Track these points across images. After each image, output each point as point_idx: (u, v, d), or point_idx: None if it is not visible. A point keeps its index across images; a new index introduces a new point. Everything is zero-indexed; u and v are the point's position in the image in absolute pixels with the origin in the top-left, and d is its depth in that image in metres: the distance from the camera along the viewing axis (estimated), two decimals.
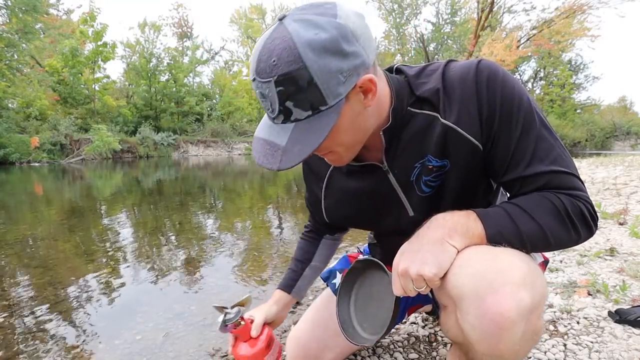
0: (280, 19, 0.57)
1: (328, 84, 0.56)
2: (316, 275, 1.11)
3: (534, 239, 0.65)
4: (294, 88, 0.56)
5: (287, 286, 1.06)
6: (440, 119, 0.68)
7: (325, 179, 0.87)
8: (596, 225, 0.68)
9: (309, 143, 0.59)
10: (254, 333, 0.93)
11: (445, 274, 0.64)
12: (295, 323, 1.22)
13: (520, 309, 0.57)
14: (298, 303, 1.78)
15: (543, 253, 0.89)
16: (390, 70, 0.76)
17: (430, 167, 0.71)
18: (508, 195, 0.78)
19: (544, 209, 0.64)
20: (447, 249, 0.64)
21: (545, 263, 0.93)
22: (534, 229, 0.64)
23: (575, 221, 0.64)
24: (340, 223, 0.95)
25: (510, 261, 0.61)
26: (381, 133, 0.70)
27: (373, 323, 0.84)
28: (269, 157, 0.61)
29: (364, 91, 0.61)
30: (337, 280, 1.13)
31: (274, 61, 0.55)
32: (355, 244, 2.65)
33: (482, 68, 0.66)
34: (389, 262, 1.07)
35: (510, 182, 0.69)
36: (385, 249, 1.03)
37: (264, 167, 0.61)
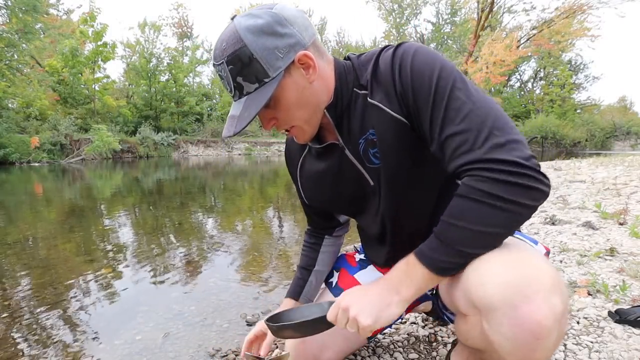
0: (232, 18, 0.71)
1: (267, 59, 0.68)
2: (322, 278, 1.13)
3: (479, 247, 0.63)
4: (240, 64, 0.68)
5: (295, 293, 1.09)
6: (368, 98, 0.76)
7: (299, 165, 0.97)
8: (541, 181, 0.60)
9: (255, 106, 0.69)
10: (263, 352, 0.97)
11: (469, 283, 0.64)
12: None
13: (555, 315, 0.57)
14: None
15: (543, 244, 0.91)
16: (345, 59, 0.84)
17: (373, 140, 0.78)
18: None
19: (469, 212, 0.61)
20: (390, 306, 0.68)
21: (547, 254, 0.94)
22: (471, 239, 0.62)
23: (508, 198, 0.59)
24: (320, 205, 1.01)
25: (535, 266, 0.61)
26: (325, 110, 0.78)
27: (294, 316, 0.85)
28: (229, 127, 0.72)
29: (304, 66, 0.71)
30: (335, 279, 1.13)
31: (223, 46, 0.69)
32: (353, 243, 2.65)
33: (399, 49, 0.73)
34: (368, 249, 1.10)
35: (437, 152, 0.68)
36: (364, 231, 1.05)
37: (225, 137, 0.73)
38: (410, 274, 0.67)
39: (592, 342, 1.21)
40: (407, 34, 31.09)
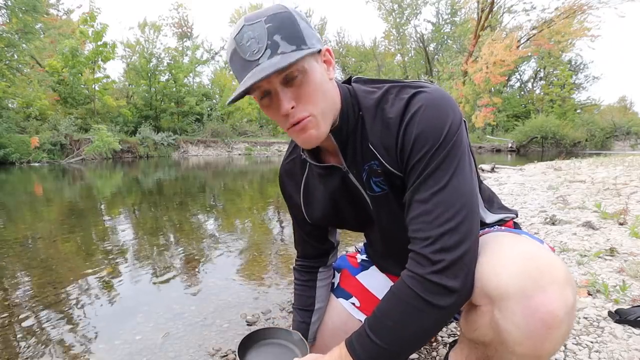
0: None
1: (306, 33, 0.67)
2: (323, 313, 1.09)
3: (402, 347, 0.67)
4: (281, 24, 0.65)
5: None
6: (368, 143, 0.76)
7: (302, 186, 0.93)
8: (458, 281, 0.64)
9: (298, 54, 0.63)
10: None
11: (482, 273, 0.66)
12: None
13: (567, 307, 0.59)
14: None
15: (548, 244, 0.91)
16: (347, 81, 0.84)
17: (378, 170, 0.77)
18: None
19: (395, 311, 0.67)
20: None
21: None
22: (391, 338, 0.66)
23: (427, 300, 0.64)
24: (322, 223, 0.98)
25: (549, 259, 0.63)
26: (330, 134, 0.76)
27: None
28: (260, 72, 0.62)
29: (326, 61, 0.72)
30: (337, 280, 1.13)
31: (262, 11, 0.66)
32: (354, 243, 2.65)
33: (410, 106, 0.70)
34: (377, 261, 1.10)
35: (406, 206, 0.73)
36: (372, 247, 1.09)
37: (263, 77, 0.61)
38: None
39: (592, 342, 1.21)
40: (407, 34, 31.08)
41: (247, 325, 1.61)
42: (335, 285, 1.12)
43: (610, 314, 1.36)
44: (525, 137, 24.09)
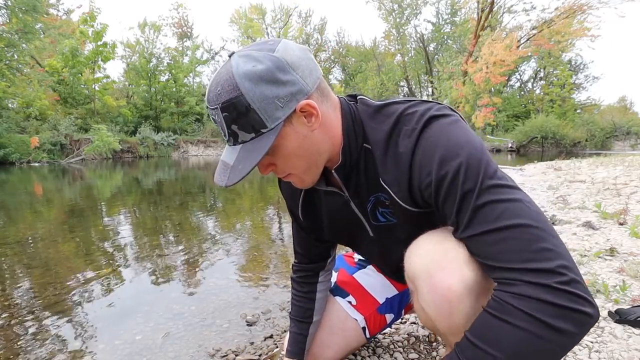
0: (229, 55, 0.65)
1: (265, 109, 0.62)
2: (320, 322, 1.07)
3: None
4: (236, 113, 0.62)
5: (298, 352, 1.02)
6: (379, 176, 0.73)
7: (301, 198, 0.91)
8: (589, 302, 0.52)
9: (250, 161, 0.64)
10: None
11: (404, 260, 0.71)
12: None
13: (465, 282, 0.62)
14: None
15: None
16: (353, 97, 0.78)
17: (386, 203, 0.76)
18: None
19: (501, 335, 0.54)
20: None
21: None
22: None
23: (551, 323, 0.51)
24: (319, 234, 0.95)
25: (456, 243, 0.64)
26: (333, 172, 0.75)
27: None
28: (221, 175, 0.67)
29: (306, 115, 0.65)
30: (334, 278, 1.14)
31: (218, 91, 0.63)
32: None
33: (422, 141, 0.65)
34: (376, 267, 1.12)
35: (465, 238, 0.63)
36: (365, 258, 1.12)
37: (217, 184, 0.67)
38: None
39: (592, 342, 1.21)
40: (407, 34, 31.09)
41: (247, 325, 1.61)
42: (333, 283, 1.13)
43: (610, 314, 1.36)
44: (525, 137, 24.08)
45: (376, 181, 0.74)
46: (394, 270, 0.89)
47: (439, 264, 0.64)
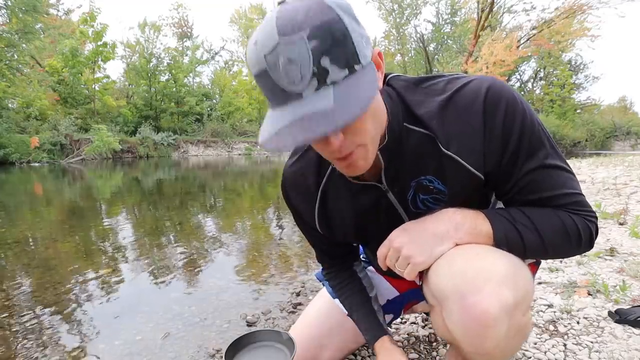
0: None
1: (358, 42, 0.51)
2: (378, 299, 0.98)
3: (533, 251, 0.67)
4: (331, 40, 0.48)
5: (379, 330, 0.91)
6: (442, 147, 0.66)
7: (318, 201, 0.81)
8: (594, 241, 0.71)
9: (365, 94, 0.50)
10: None
11: (428, 274, 0.66)
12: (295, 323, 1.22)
13: (503, 305, 0.57)
14: (300, 304, 1.78)
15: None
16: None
17: (430, 187, 0.71)
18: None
19: (552, 226, 0.66)
20: (443, 243, 0.66)
21: (537, 264, 0.94)
22: (536, 243, 0.66)
23: (582, 240, 0.68)
24: (338, 239, 0.89)
25: (492, 260, 0.62)
26: (378, 152, 0.66)
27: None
28: (315, 125, 0.48)
29: (376, 66, 0.55)
30: None
31: (303, 15, 0.48)
32: None
33: (490, 99, 0.63)
34: (377, 266, 1.09)
35: (527, 202, 0.70)
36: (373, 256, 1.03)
37: (314, 137, 0.48)
38: (477, 225, 0.66)
39: (592, 342, 1.21)
40: (407, 34, 31.09)
41: (247, 325, 1.61)
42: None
43: (610, 314, 1.36)
44: None
45: (426, 160, 0.68)
46: None
47: (474, 284, 0.59)
